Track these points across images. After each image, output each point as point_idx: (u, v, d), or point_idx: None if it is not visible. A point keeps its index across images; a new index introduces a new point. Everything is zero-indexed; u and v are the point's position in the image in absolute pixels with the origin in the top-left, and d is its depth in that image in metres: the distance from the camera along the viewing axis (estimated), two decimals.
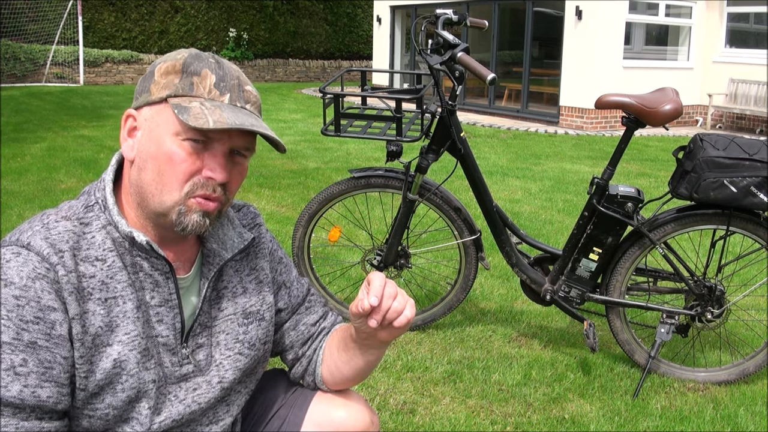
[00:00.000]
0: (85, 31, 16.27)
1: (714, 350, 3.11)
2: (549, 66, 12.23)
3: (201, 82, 1.14)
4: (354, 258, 3.99)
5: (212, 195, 1.14)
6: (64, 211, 1.16)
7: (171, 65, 1.16)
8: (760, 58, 11.01)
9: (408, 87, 3.25)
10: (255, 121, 1.14)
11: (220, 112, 1.11)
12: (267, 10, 18.97)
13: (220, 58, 1.20)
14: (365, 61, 20.36)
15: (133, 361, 1.13)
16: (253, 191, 5.87)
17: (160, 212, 1.14)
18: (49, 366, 1.06)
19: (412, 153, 3.38)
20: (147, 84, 1.17)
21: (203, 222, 1.15)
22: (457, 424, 2.47)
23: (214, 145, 1.13)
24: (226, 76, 1.16)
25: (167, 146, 1.12)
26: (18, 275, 1.06)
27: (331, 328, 1.45)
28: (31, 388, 1.04)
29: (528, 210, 5.57)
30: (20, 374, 1.04)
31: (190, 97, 1.13)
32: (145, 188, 1.15)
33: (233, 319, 1.28)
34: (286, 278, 1.41)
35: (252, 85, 1.21)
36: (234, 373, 1.27)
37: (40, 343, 1.05)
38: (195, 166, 1.13)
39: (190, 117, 1.10)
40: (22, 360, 1.04)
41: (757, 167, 2.53)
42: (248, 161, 1.21)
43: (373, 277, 1.18)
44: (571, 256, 2.86)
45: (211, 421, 1.27)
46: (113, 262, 1.14)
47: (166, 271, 1.18)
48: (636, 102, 2.69)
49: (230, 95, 1.15)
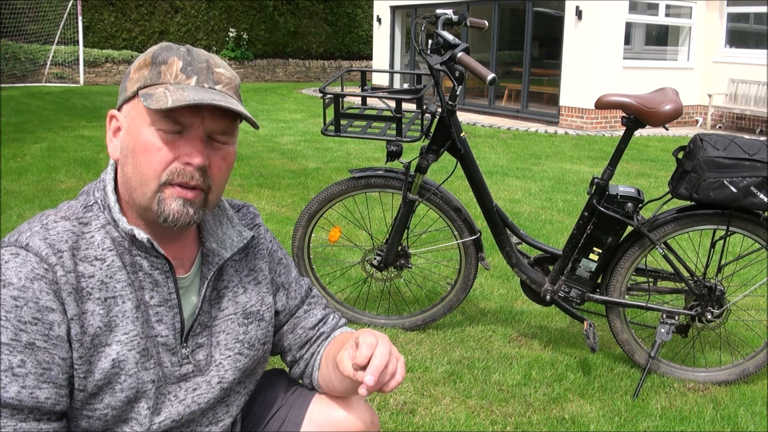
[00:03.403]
0: (85, 31, 16.26)
1: (714, 350, 3.11)
2: (549, 66, 12.23)
3: (168, 70, 1.14)
4: (354, 258, 3.99)
5: (190, 182, 1.13)
6: (63, 211, 1.16)
7: (143, 60, 1.16)
8: (760, 58, 11.01)
9: (408, 87, 3.25)
10: (220, 97, 1.12)
11: (182, 92, 1.10)
12: (267, 10, 18.96)
13: (194, 48, 1.19)
14: (365, 61, 20.36)
15: (132, 361, 1.13)
16: (253, 191, 5.87)
17: (143, 206, 1.15)
18: (47, 367, 1.06)
19: (412, 153, 3.38)
20: (125, 82, 1.18)
21: (185, 211, 1.14)
22: (457, 424, 2.46)
23: (189, 131, 1.13)
24: (194, 60, 1.15)
25: (143, 137, 1.13)
26: (16, 276, 1.06)
27: (331, 332, 1.44)
28: (29, 389, 1.04)
29: (528, 210, 5.57)
30: (18, 375, 1.04)
31: (157, 84, 1.13)
32: (129, 183, 1.15)
33: (233, 319, 1.27)
34: (284, 279, 1.40)
35: (228, 69, 1.19)
36: (234, 374, 1.26)
37: (38, 344, 1.05)
38: (171, 155, 1.12)
39: (151, 101, 1.10)
40: (20, 361, 1.04)
41: (757, 167, 2.53)
42: (233, 147, 1.19)
43: (362, 342, 1.15)
44: (571, 256, 2.86)
45: (210, 421, 1.26)
46: (112, 261, 1.13)
47: (166, 270, 1.18)
48: (636, 102, 2.69)
49: (197, 77, 1.14)
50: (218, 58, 1.20)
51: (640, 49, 11.98)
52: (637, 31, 11.87)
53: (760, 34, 11.32)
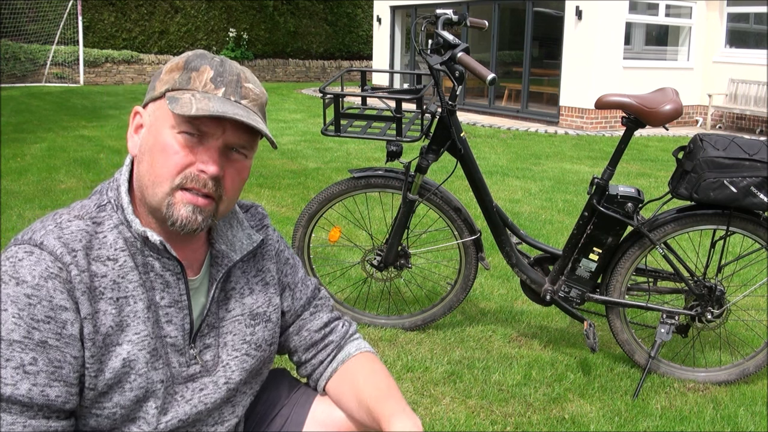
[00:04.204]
0: (85, 31, 16.26)
1: (714, 350, 3.11)
2: (549, 66, 12.23)
3: (198, 77, 1.15)
4: (354, 258, 3.99)
5: (202, 190, 1.13)
6: (77, 210, 1.17)
7: (176, 63, 1.18)
8: (760, 58, 11.01)
9: (408, 87, 3.25)
10: (244, 113, 1.13)
11: (207, 101, 1.11)
12: (267, 10, 18.96)
13: (228, 59, 1.20)
14: (365, 61, 20.36)
15: (142, 360, 1.13)
16: (253, 191, 5.87)
17: (154, 206, 1.15)
18: (58, 365, 1.06)
19: (412, 153, 3.38)
20: (154, 82, 1.19)
21: (194, 217, 1.14)
22: (457, 424, 2.47)
23: (209, 140, 1.14)
24: (225, 72, 1.16)
25: (163, 138, 1.13)
26: (30, 274, 1.06)
27: (341, 342, 1.42)
28: (40, 387, 1.04)
29: (528, 210, 5.57)
30: (29, 373, 1.04)
31: (185, 90, 1.14)
32: (142, 180, 1.16)
33: (240, 320, 1.28)
34: (290, 280, 1.40)
35: (258, 85, 1.20)
36: (240, 374, 1.27)
37: (50, 342, 1.05)
38: (187, 159, 1.13)
39: (176, 106, 1.10)
40: (31, 359, 1.04)
41: (757, 167, 2.53)
42: (249, 162, 1.20)
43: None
44: (571, 256, 2.86)
45: (216, 421, 1.27)
46: (125, 261, 1.14)
47: (177, 271, 1.18)
48: (636, 102, 2.69)
49: (225, 89, 1.15)
50: (250, 73, 1.21)
51: (640, 49, 11.98)
52: (637, 31, 11.87)
53: (760, 34, 11.32)
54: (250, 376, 1.31)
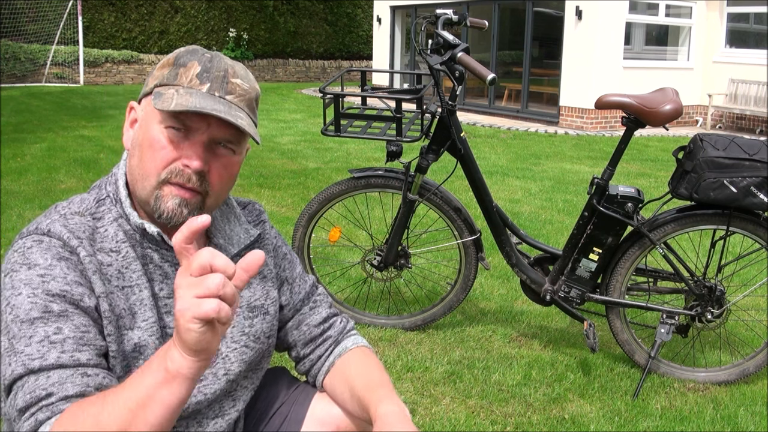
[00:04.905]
0: (85, 31, 16.26)
1: (714, 350, 3.11)
2: (549, 66, 12.23)
3: (185, 73, 1.16)
4: (354, 258, 3.99)
5: (187, 184, 1.15)
6: (76, 205, 1.18)
7: (167, 59, 1.20)
8: (760, 58, 11.00)
9: (408, 87, 3.25)
10: (225, 108, 1.14)
11: (188, 97, 1.12)
12: (267, 10, 18.96)
13: (219, 54, 1.21)
14: (365, 61, 20.36)
15: (151, 346, 1.15)
16: (253, 191, 5.87)
17: (143, 199, 1.17)
18: (85, 330, 1.05)
19: (412, 153, 3.38)
20: (148, 78, 1.22)
21: (179, 210, 1.15)
22: (457, 424, 2.46)
23: (194, 135, 1.15)
24: (213, 68, 1.17)
25: (151, 133, 1.15)
26: (42, 257, 1.07)
27: (339, 337, 1.43)
28: (69, 353, 1.03)
29: (528, 210, 5.57)
30: (55, 342, 1.02)
31: (171, 85, 1.16)
32: (133, 174, 1.18)
33: (239, 313, 1.29)
34: (288, 274, 1.42)
35: (248, 81, 1.20)
36: (240, 366, 1.28)
37: (70, 310, 1.05)
38: (173, 154, 1.14)
39: (158, 101, 1.12)
40: (56, 329, 1.03)
41: (757, 167, 2.53)
42: (238, 157, 1.21)
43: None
44: (571, 256, 2.86)
45: (217, 414, 1.28)
46: (127, 252, 1.16)
47: (176, 263, 1.19)
48: (636, 102, 2.69)
49: (210, 85, 1.16)
50: (242, 69, 1.21)
51: (640, 49, 11.98)
52: (637, 31, 11.86)
53: (760, 34, 11.32)
54: (249, 369, 1.32)
